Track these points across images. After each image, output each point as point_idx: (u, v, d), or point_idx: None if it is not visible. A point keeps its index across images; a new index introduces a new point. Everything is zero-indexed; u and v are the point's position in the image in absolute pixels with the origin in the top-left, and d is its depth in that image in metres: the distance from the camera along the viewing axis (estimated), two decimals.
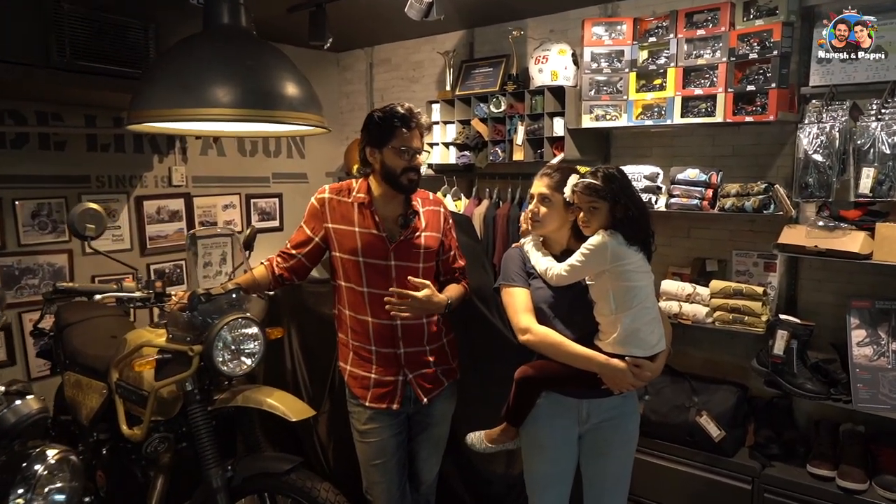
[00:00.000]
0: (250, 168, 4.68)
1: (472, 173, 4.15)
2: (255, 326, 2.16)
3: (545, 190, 2.06)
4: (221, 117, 2.22)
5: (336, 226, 2.19)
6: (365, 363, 2.22)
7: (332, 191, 2.24)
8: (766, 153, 3.23)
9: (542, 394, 2.06)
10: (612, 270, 1.89)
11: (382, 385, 2.20)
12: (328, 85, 5.04)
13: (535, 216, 2.08)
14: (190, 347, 2.08)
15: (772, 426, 3.10)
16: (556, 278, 1.98)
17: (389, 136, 2.09)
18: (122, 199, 4.04)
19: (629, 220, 1.89)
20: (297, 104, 2.36)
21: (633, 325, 1.90)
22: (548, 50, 3.54)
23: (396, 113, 2.07)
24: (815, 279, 3.13)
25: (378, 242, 2.17)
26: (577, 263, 1.93)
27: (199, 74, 2.23)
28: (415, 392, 2.23)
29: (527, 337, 2.01)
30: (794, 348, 2.79)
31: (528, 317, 2.03)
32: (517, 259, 2.14)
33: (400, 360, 2.20)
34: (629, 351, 1.91)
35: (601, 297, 1.94)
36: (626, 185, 1.94)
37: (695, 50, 3.13)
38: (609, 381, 1.94)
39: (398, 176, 2.13)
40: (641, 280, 1.93)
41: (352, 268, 2.17)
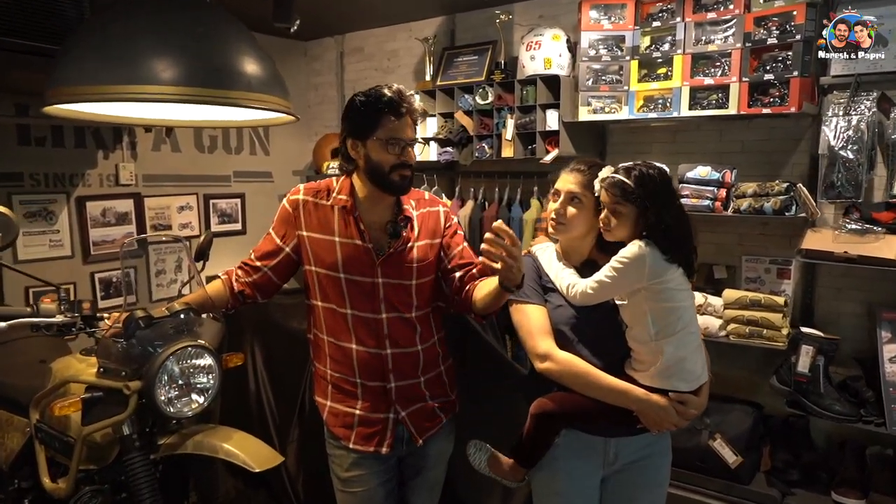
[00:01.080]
0: (209, 165, 4.28)
1: (455, 172, 3.82)
2: (209, 356, 1.77)
3: (575, 188, 1.72)
4: (160, 97, 1.79)
5: (312, 234, 1.82)
6: (348, 398, 1.84)
7: (307, 191, 1.86)
8: (780, 149, 2.96)
9: (562, 431, 1.73)
10: (650, 288, 1.58)
11: (369, 424, 1.83)
12: (295, 76, 4.68)
13: (560, 217, 1.74)
14: (125, 384, 1.68)
15: (789, 448, 2.84)
16: (581, 297, 1.65)
17: (374, 124, 1.72)
18: (60, 200, 3.61)
19: (661, 232, 1.57)
20: (256, 84, 1.95)
21: (678, 354, 1.59)
22: (541, 35, 3.22)
23: (382, 96, 1.71)
24: (835, 287, 2.87)
25: (363, 256, 1.79)
26: (608, 279, 1.60)
27: (132, 44, 1.79)
28: (408, 432, 1.87)
29: (547, 365, 1.67)
30: (821, 365, 2.52)
31: (546, 340, 1.69)
32: (530, 269, 1.79)
33: (390, 396, 1.83)
34: (673, 385, 1.60)
35: (637, 320, 1.62)
36: (664, 191, 1.61)
37: (704, 35, 2.84)
38: (648, 420, 1.62)
39: (386, 174, 1.75)
40: (685, 300, 1.62)
41: (331, 286, 1.81)
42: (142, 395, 1.71)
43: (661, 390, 1.61)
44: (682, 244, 1.59)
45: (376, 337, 1.80)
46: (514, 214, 3.41)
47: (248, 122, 2.48)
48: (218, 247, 4.27)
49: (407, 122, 1.75)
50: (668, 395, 1.60)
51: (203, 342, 1.78)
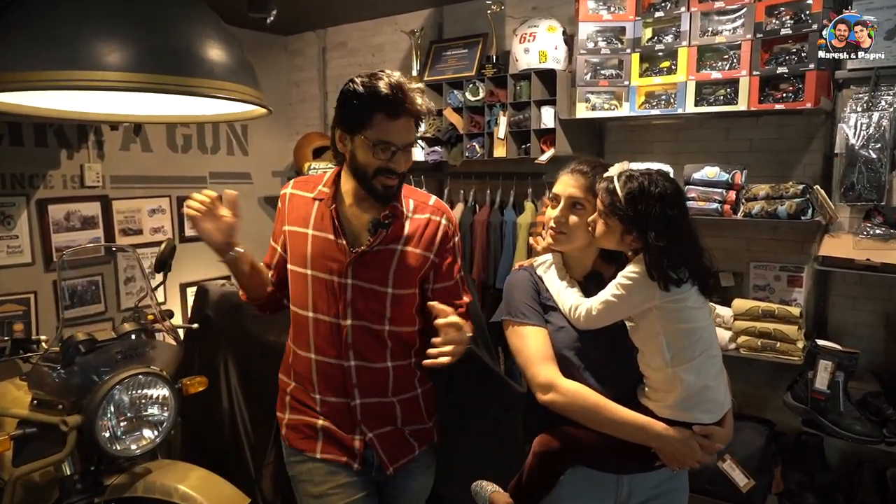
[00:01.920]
0: (183, 166, 4.05)
1: (444, 173, 3.60)
2: (163, 385, 1.54)
3: (577, 192, 1.51)
4: (105, 84, 1.54)
5: (291, 227, 1.68)
6: (309, 410, 1.65)
7: (296, 184, 1.73)
8: (791, 148, 2.78)
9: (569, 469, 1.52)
10: (663, 307, 1.38)
11: (335, 438, 1.63)
12: (275, 73, 4.49)
13: (560, 226, 1.53)
14: (63, 419, 1.44)
15: (803, 468, 2.65)
16: (586, 320, 1.45)
17: (365, 121, 1.51)
18: (19, 203, 3.36)
19: (652, 256, 1.36)
20: (219, 70, 1.71)
21: (699, 382, 1.39)
22: (535, 26, 3.02)
23: (377, 91, 1.48)
24: (850, 296, 2.69)
25: (334, 252, 1.60)
26: (614, 299, 1.40)
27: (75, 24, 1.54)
28: (377, 456, 1.65)
29: (551, 396, 1.46)
30: (840, 382, 2.33)
31: (549, 367, 1.49)
32: (527, 285, 1.59)
33: (355, 415, 1.62)
34: (695, 416, 1.40)
35: (649, 343, 1.42)
36: (658, 214, 1.37)
37: (711, 25, 2.65)
38: (668, 457, 1.42)
39: (369, 178, 1.55)
40: (703, 319, 1.42)
41: (299, 284, 1.66)
42: (82, 431, 1.48)
43: (681, 423, 1.41)
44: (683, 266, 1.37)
45: (337, 346, 1.61)
46: (507, 218, 3.20)
47: (214, 116, 2.23)
48: (192, 253, 4.08)
49: (403, 123, 1.53)
50: (690, 429, 1.40)
51: (156, 368, 1.55)
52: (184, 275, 4.02)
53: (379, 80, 1.50)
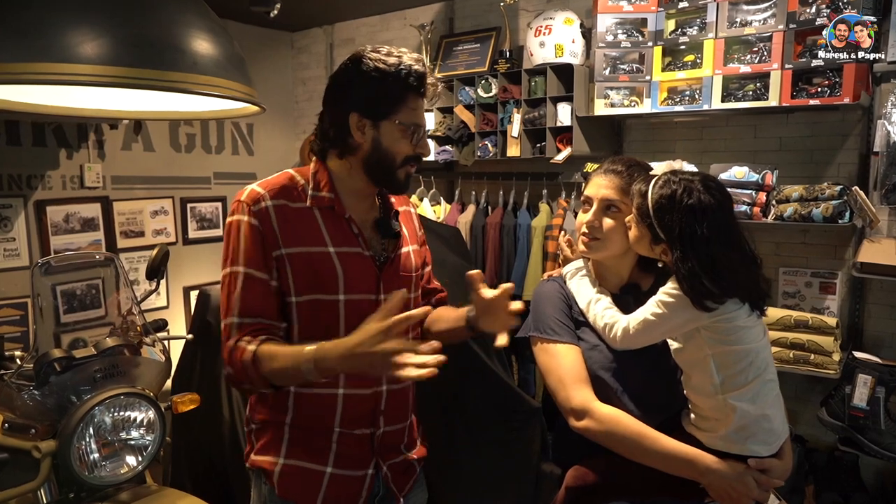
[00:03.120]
0: (186, 166, 3.95)
1: (454, 173, 3.46)
2: (148, 406, 1.40)
3: (612, 193, 1.38)
4: (78, 78, 1.40)
5: (297, 249, 1.36)
6: (317, 453, 1.43)
7: (272, 193, 1.36)
8: (825, 147, 2.62)
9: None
10: (712, 327, 1.24)
11: (342, 484, 1.44)
12: (281, 70, 4.39)
13: (594, 231, 1.39)
14: (36, 445, 1.32)
15: (836, 488, 2.49)
16: (623, 340, 1.31)
17: (398, 102, 1.33)
18: (17, 205, 3.28)
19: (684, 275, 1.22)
20: (204, 64, 1.56)
21: (756, 410, 1.25)
22: (551, 19, 2.87)
23: (411, 69, 1.31)
24: (888, 304, 2.53)
25: (364, 267, 1.39)
26: (654, 318, 1.26)
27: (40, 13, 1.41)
28: (388, 488, 1.49)
29: (585, 423, 1.32)
30: (881, 398, 2.17)
31: (583, 391, 1.35)
32: (558, 298, 1.45)
33: (373, 446, 1.45)
34: (749, 449, 1.26)
35: (697, 366, 1.28)
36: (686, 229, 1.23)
37: (739, 16, 2.50)
38: (720, 495, 1.28)
39: (396, 167, 1.37)
40: (757, 338, 1.27)
41: (323, 313, 1.38)
42: (57, 457, 1.35)
43: (734, 455, 1.27)
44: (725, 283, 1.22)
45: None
46: (521, 221, 3.06)
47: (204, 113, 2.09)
48: (197, 255, 3.99)
49: (423, 103, 1.39)
50: (745, 462, 1.26)
51: (139, 388, 1.42)
52: (187, 278, 3.93)
53: (403, 58, 1.33)
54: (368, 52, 1.35)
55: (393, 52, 1.34)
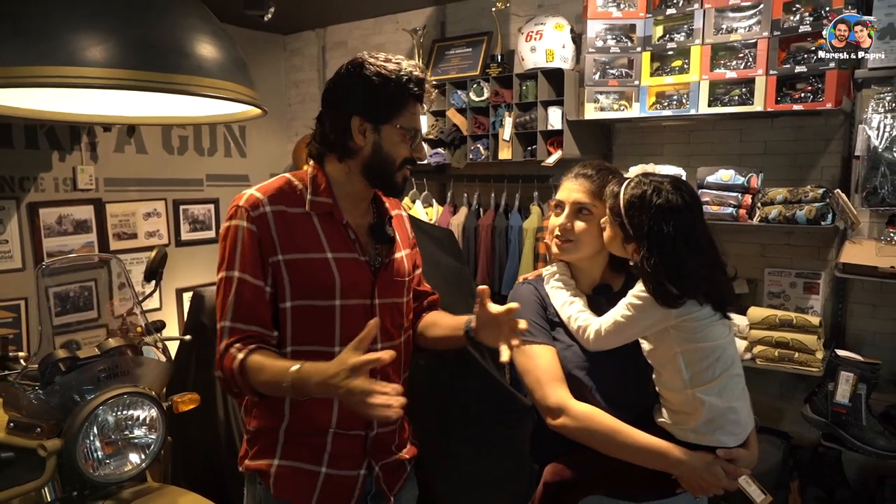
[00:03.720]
0: (179, 168, 3.96)
1: (447, 175, 3.50)
2: (151, 405, 1.43)
3: (583, 196, 1.43)
4: (84, 81, 1.43)
5: (296, 256, 1.37)
6: (312, 454, 1.45)
7: (271, 198, 1.37)
8: (808, 151, 2.69)
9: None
10: (680, 326, 1.29)
11: (336, 484, 1.47)
12: (274, 73, 4.41)
13: (566, 233, 1.44)
14: (41, 443, 1.34)
15: (820, 483, 2.56)
16: (595, 341, 1.36)
17: (399, 107, 1.36)
18: (9, 207, 3.28)
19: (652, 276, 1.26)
20: (208, 67, 1.59)
21: (723, 403, 1.30)
22: (542, 24, 2.92)
23: (411, 76, 1.35)
24: (869, 303, 2.60)
25: (360, 273, 1.42)
26: (624, 319, 1.31)
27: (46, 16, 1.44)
28: (379, 488, 1.52)
29: (562, 421, 1.37)
30: (863, 394, 2.23)
31: (559, 389, 1.39)
32: (533, 301, 1.50)
33: (366, 446, 1.49)
34: (718, 440, 1.31)
35: (666, 364, 1.33)
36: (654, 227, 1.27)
37: (726, 23, 2.56)
38: (691, 485, 1.33)
39: (395, 170, 1.41)
40: (723, 335, 1.32)
41: (319, 319, 1.40)
42: (62, 456, 1.38)
43: (703, 447, 1.32)
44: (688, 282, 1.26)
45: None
46: (513, 223, 3.10)
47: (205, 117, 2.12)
48: (190, 257, 4.00)
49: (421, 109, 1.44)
50: (713, 453, 1.31)
51: (142, 388, 1.45)
52: (180, 280, 3.93)
53: (403, 64, 1.38)
54: (369, 58, 1.38)
55: (392, 59, 1.38)
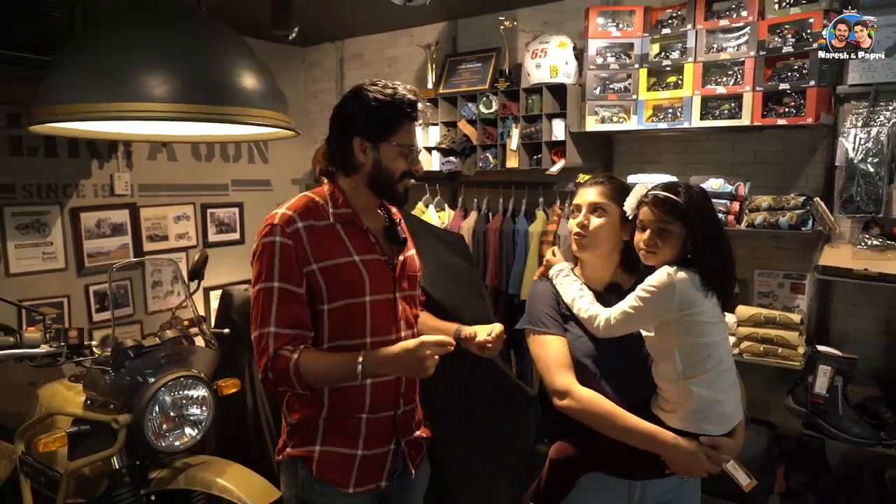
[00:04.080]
0: (206, 174, 4.19)
1: (458, 182, 3.72)
2: (203, 387, 1.68)
3: (599, 199, 1.62)
4: (153, 115, 1.69)
5: (328, 262, 1.53)
6: (349, 439, 1.62)
7: (302, 215, 1.53)
8: (794, 161, 2.87)
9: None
10: (680, 321, 1.46)
11: (370, 462, 1.64)
12: (294, 83, 4.61)
13: (584, 230, 1.62)
14: (114, 418, 1.59)
15: (804, 470, 2.74)
16: (605, 328, 1.53)
17: (395, 127, 1.54)
18: (54, 211, 3.51)
19: (704, 256, 1.46)
20: (255, 99, 1.84)
21: (709, 396, 1.47)
22: (546, 42, 3.13)
23: (405, 99, 1.53)
24: (851, 303, 2.78)
25: (383, 271, 1.61)
26: (632, 310, 1.48)
27: (123, 59, 1.69)
28: (405, 462, 1.72)
29: (566, 403, 1.56)
30: (839, 386, 2.43)
31: (566, 375, 1.58)
32: (548, 296, 1.68)
33: (395, 425, 1.68)
34: (703, 428, 1.48)
35: (664, 355, 1.51)
36: (709, 209, 1.50)
37: (716, 43, 2.76)
38: (677, 466, 1.50)
39: (395, 182, 1.58)
40: (718, 334, 1.50)
41: (352, 315, 1.57)
42: (131, 429, 1.62)
43: (691, 434, 1.48)
44: (722, 269, 1.48)
45: None
46: (519, 227, 3.32)
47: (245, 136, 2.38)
48: (216, 257, 4.23)
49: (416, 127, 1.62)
50: (698, 440, 1.48)
51: (196, 372, 1.69)
52: (208, 279, 4.13)
53: (399, 89, 1.56)
54: (368, 86, 1.56)
55: (389, 85, 1.56)
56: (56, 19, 2.51)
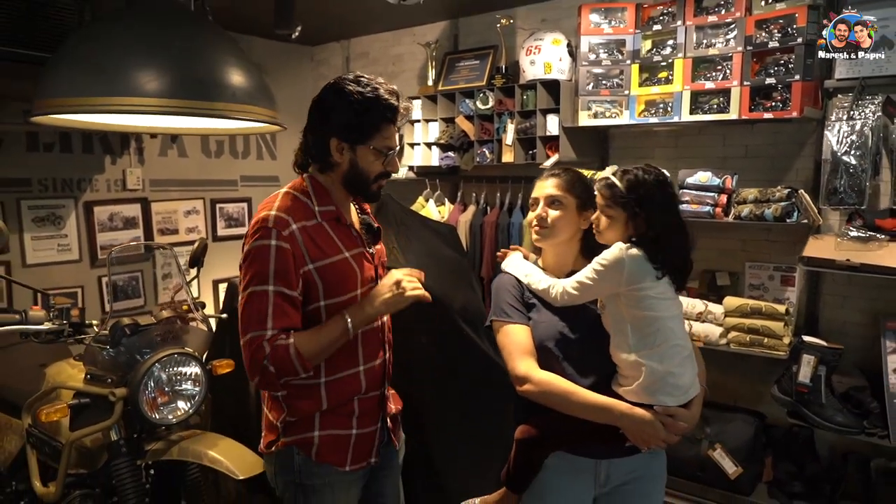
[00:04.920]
0: (215, 170, 4.32)
1: (457, 176, 3.80)
2: (195, 364, 1.78)
3: (555, 191, 1.70)
4: (141, 109, 1.80)
5: (323, 262, 1.55)
6: (345, 420, 1.68)
7: (293, 216, 1.54)
8: (784, 154, 2.91)
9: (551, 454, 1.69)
10: (628, 295, 1.54)
11: (362, 440, 1.71)
12: (302, 81, 4.71)
13: (542, 222, 1.70)
14: (111, 391, 1.70)
15: (792, 459, 2.78)
16: (562, 297, 1.61)
17: (372, 131, 1.54)
18: (68, 205, 3.66)
19: (646, 240, 1.54)
20: (240, 95, 1.95)
21: (662, 369, 1.53)
22: (540, 39, 3.20)
23: (383, 101, 1.52)
24: (840, 295, 2.81)
25: (368, 264, 1.67)
26: (588, 281, 1.57)
27: (116, 56, 1.82)
28: (389, 436, 1.81)
29: (526, 387, 1.62)
30: (822, 375, 2.47)
31: (526, 361, 1.64)
32: (510, 286, 1.75)
33: (381, 403, 1.76)
34: (658, 400, 1.55)
35: (617, 328, 1.58)
36: (658, 198, 1.55)
37: (705, 38, 2.80)
38: (635, 437, 1.56)
39: (370, 183, 1.60)
40: (666, 310, 1.56)
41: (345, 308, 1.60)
42: (128, 402, 1.73)
43: (647, 405, 1.55)
44: (672, 253, 1.54)
45: (381, 345, 1.74)
46: (515, 220, 3.39)
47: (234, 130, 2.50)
48: (225, 251, 4.37)
49: (395, 129, 1.61)
50: (653, 410, 1.55)
51: (189, 350, 1.79)
52: (216, 272, 4.29)
53: (379, 89, 1.52)
54: (349, 83, 1.53)
55: (370, 84, 1.53)
56: (67, 18, 2.64)
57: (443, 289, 2.36)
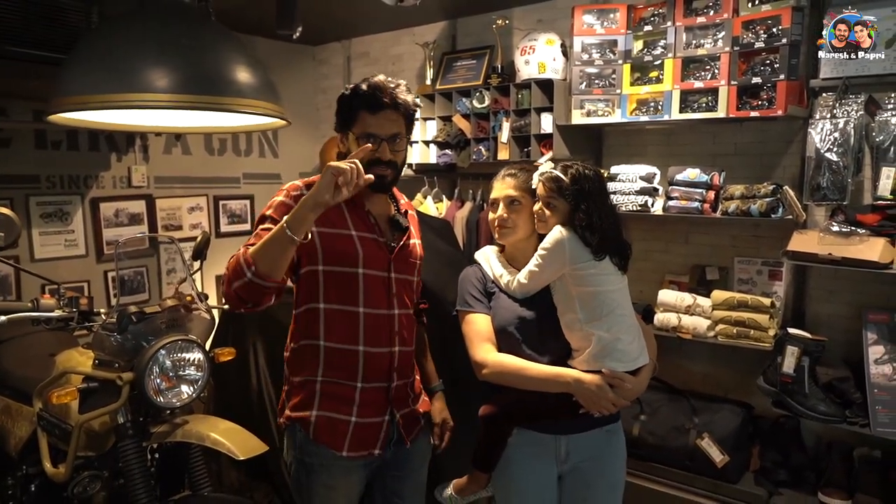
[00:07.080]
0: (219, 167, 4.40)
1: (454, 173, 3.88)
2: (197, 350, 1.86)
3: (512, 192, 1.81)
4: (154, 104, 1.91)
5: (324, 229, 1.70)
6: (342, 405, 1.75)
7: (307, 187, 1.71)
8: (772, 151, 2.98)
9: (514, 432, 1.79)
10: (573, 274, 1.67)
11: (364, 429, 1.77)
12: (304, 80, 4.79)
13: (503, 222, 1.81)
14: (118, 375, 1.79)
15: (778, 449, 2.85)
16: (518, 288, 1.76)
17: (351, 119, 1.72)
18: (75, 201, 3.74)
19: (588, 228, 1.67)
20: (246, 90, 2.06)
21: (610, 336, 1.66)
22: (535, 40, 3.27)
23: (358, 91, 1.70)
24: (826, 289, 2.88)
25: (378, 250, 1.77)
26: (536, 268, 1.71)
27: (128, 55, 1.92)
28: (400, 433, 1.85)
29: (485, 372, 1.74)
30: (806, 366, 2.54)
31: (483, 347, 1.75)
32: (473, 278, 1.87)
33: (388, 397, 1.82)
34: (606, 365, 1.66)
35: (566, 305, 1.71)
36: (597, 192, 1.72)
37: (694, 39, 2.88)
38: (586, 401, 1.66)
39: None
40: (611, 284, 1.69)
41: (345, 283, 1.73)
42: (134, 386, 1.82)
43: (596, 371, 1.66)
44: (608, 240, 1.68)
45: (388, 335, 1.78)
46: None
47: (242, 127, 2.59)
48: (228, 247, 4.45)
49: (387, 116, 1.69)
50: (602, 373, 1.64)
51: (192, 336, 1.88)
52: (218, 267, 4.35)
53: (361, 82, 1.72)
54: (346, 86, 1.75)
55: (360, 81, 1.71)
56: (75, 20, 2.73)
57: (437, 281, 2.45)
